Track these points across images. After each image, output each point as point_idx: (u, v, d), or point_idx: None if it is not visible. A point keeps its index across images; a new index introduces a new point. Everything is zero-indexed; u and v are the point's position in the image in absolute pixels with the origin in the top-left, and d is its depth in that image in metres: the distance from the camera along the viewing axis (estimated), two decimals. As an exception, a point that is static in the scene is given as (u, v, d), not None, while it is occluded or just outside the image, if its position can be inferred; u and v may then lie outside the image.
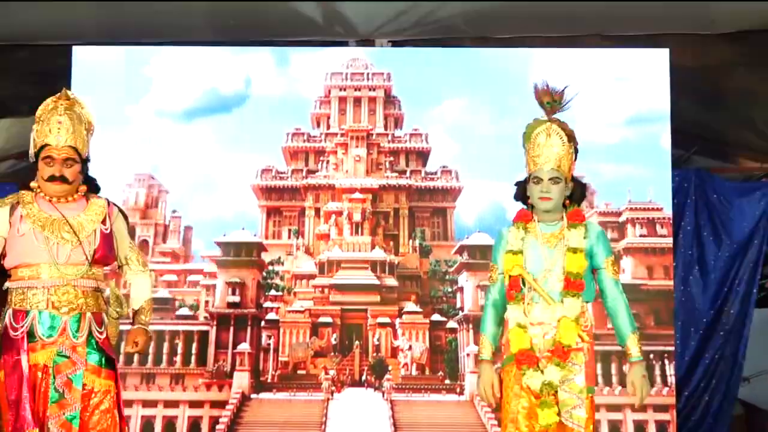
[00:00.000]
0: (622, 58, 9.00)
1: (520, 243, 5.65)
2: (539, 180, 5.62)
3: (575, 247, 5.57)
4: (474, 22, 9.00)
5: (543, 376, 5.48)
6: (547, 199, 5.59)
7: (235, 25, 8.94)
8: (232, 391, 8.68)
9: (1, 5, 8.71)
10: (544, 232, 5.68)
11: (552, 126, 5.69)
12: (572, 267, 5.53)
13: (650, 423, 8.57)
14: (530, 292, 5.58)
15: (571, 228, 5.62)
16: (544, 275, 5.60)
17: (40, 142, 5.47)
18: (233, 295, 8.94)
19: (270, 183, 9.03)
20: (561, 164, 5.65)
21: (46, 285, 5.39)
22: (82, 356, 5.34)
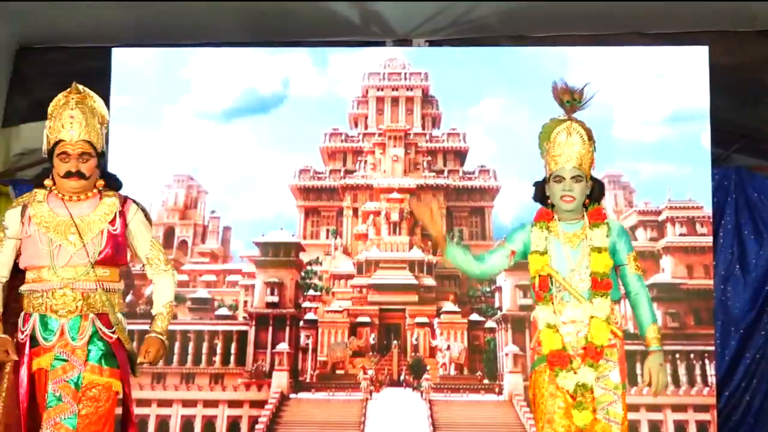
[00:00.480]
0: (661, 56, 8.94)
1: (544, 243, 5.62)
2: (561, 179, 5.56)
3: (599, 246, 5.55)
4: (510, 21, 9.00)
5: (577, 376, 5.48)
6: (570, 198, 5.55)
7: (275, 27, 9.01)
8: (271, 391, 8.70)
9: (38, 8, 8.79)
10: (566, 231, 5.65)
11: (572, 124, 5.63)
12: (598, 267, 5.52)
13: (691, 423, 8.53)
14: (560, 291, 5.55)
15: (593, 227, 5.60)
16: (570, 275, 5.57)
17: (53, 138, 5.35)
18: (272, 295, 8.96)
19: (308, 183, 9.06)
20: (582, 162, 5.59)
21: (45, 288, 5.30)
22: (81, 358, 5.23)
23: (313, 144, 9.02)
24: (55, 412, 5.11)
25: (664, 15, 8.84)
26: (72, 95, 5.49)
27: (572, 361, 5.51)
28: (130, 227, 5.38)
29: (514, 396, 8.60)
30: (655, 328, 5.52)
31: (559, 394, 5.54)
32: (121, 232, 5.37)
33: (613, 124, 8.87)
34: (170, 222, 8.97)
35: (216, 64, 9.07)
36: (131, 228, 5.38)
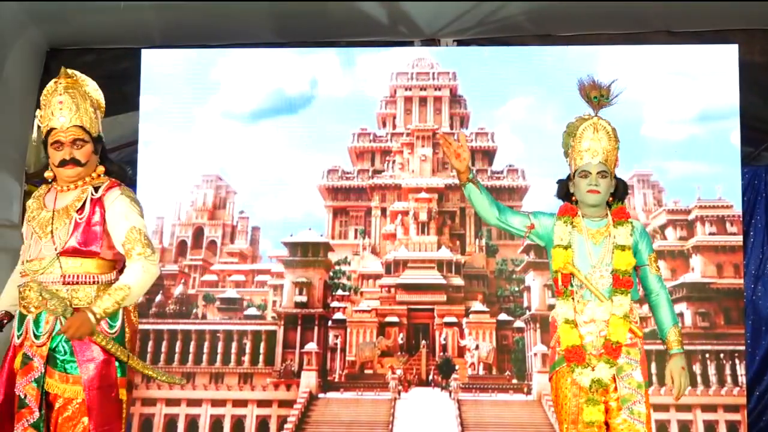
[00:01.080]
0: (690, 55, 8.90)
1: (568, 237, 5.62)
2: (587, 174, 5.58)
3: (623, 244, 5.57)
4: (538, 20, 8.99)
5: (593, 373, 5.47)
6: (596, 192, 5.55)
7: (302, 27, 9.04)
8: (299, 391, 8.73)
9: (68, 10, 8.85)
10: (590, 228, 5.66)
11: (599, 120, 5.65)
12: (621, 264, 5.53)
13: (721, 423, 8.48)
14: (581, 289, 5.57)
15: (617, 225, 5.62)
16: (590, 271, 5.57)
17: (45, 128, 5.15)
18: (300, 294, 8.98)
19: (336, 183, 9.07)
20: (608, 158, 5.61)
21: (19, 283, 5.13)
22: (43, 357, 4.97)
23: (342, 144, 9.03)
24: (24, 415, 4.94)
25: (693, 14, 8.81)
26: (60, 81, 5.25)
27: (590, 358, 5.49)
28: (107, 215, 5.04)
29: (543, 396, 8.58)
30: (677, 331, 5.56)
31: (582, 394, 5.52)
32: (99, 221, 5.04)
33: (642, 123, 8.84)
34: (199, 222, 9.00)
35: (244, 65, 9.11)
36: (108, 216, 5.03)
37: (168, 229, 9.02)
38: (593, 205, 5.63)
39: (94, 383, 4.91)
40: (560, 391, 5.62)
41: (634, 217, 8.27)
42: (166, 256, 8.97)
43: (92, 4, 8.71)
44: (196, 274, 8.99)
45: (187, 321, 8.89)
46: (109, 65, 9.39)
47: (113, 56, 9.43)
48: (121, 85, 9.25)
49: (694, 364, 8.58)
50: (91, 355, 4.93)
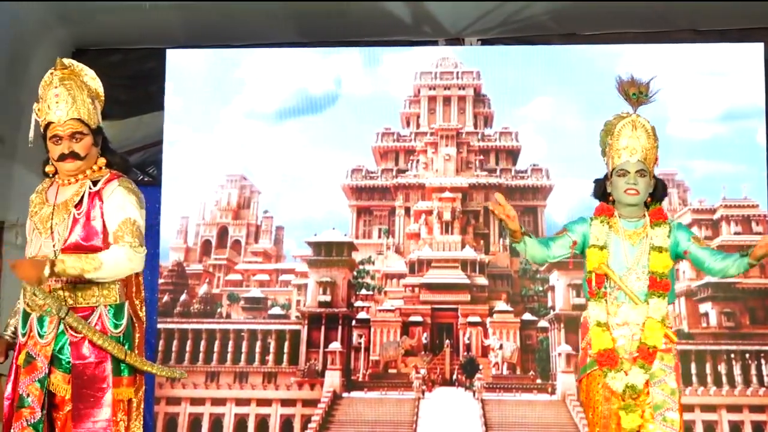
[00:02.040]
0: (715, 53, 8.87)
1: (605, 238, 5.50)
2: (625, 172, 5.45)
3: (660, 246, 5.42)
4: (562, 19, 8.98)
5: (626, 378, 5.37)
6: (635, 191, 5.42)
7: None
8: (323, 390, 8.75)
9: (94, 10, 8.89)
10: (627, 228, 5.53)
11: (638, 118, 5.53)
12: (657, 266, 5.39)
13: (746, 423, 8.44)
14: (615, 291, 5.46)
15: (654, 226, 5.47)
16: (626, 273, 5.45)
17: (42, 122, 5.00)
18: (324, 294, 9.00)
19: (360, 183, 9.08)
20: (647, 157, 5.49)
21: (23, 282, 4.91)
22: (47, 357, 4.89)
23: (365, 143, 9.04)
24: (23, 414, 4.85)
25: (718, 12, 8.80)
26: (56, 72, 5.07)
27: (623, 362, 5.37)
28: (105, 208, 4.91)
29: (567, 396, 8.58)
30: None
31: (614, 399, 5.40)
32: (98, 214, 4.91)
33: (668, 122, 8.80)
34: (223, 222, 9.04)
35: (268, 64, 9.14)
36: (105, 208, 4.90)
37: (192, 229, 9.07)
38: (631, 205, 5.51)
39: (80, 383, 4.82)
40: (591, 394, 5.51)
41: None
42: (190, 255, 9.02)
43: (118, 5, 8.75)
44: (221, 274, 9.03)
45: (211, 320, 8.91)
46: (134, 65, 9.46)
47: (139, 56, 9.49)
48: (146, 85, 9.31)
49: (719, 364, 8.56)
50: (84, 355, 4.84)
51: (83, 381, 4.83)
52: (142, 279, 5.16)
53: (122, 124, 9.61)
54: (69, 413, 4.88)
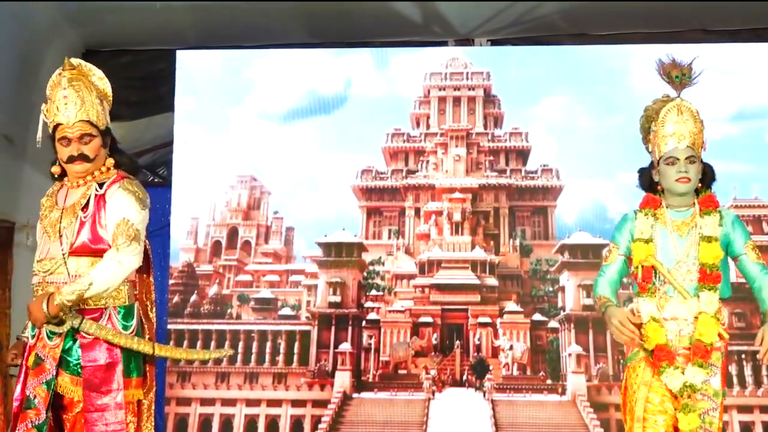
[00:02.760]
0: (726, 53, 8.85)
1: (650, 230, 5.20)
2: (675, 160, 5.15)
3: (710, 235, 5.10)
4: (572, 20, 8.98)
5: (684, 376, 5.06)
6: (686, 180, 5.11)
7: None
8: (333, 391, 8.76)
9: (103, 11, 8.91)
10: (674, 219, 5.22)
11: (683, 102, 5.29)
12: (707, 258, 5.06)
13: (757, 424, 8.43)
14: (663, 285, 5.14)
15: (704, 215, 5.16)
16: (675, 267, 5.13)
17: (51, 123, 4.98)
18: (334, 295, 9.02)
19: (370, 183, 9.09)
20: (695, 142, 5.19)
21: (33, 283, 4.98)
22: (55, 359, 4.89)
23: (375, 144, 9.06)
24: (28, 416, 4.83)
25: (728, 12, 8.79)
26: (64, 72, 5.07)
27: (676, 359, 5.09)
28: (107, 210, 4.91)
29: (578, 396, 8.58)
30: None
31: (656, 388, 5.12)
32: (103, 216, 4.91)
33: (677, 122, 8.80)
34: (234, 222, 9.06)
35: (278, 65, 9.16)
36: (107, 210, 4.91)
37: (203, 230, 9.10)
38: (683, 194, 5.20)
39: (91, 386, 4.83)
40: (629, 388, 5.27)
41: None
42: (201, 256, 9.05)
43: (128, 6, 8.77)
44: (231, 275, 9.05)
45: (221, 321, 8.95)
46: (144, 66, 9.48)
47: (149, 57, 9.51)
48: (156, 86, 9.33)
49: (730, 365, 8.54)
50: (95, 357, 4.85)
51: (94, 384, 4.83)
52: (152, 279, 5.17)
53: (132, 125, 9.63)
54: (78, 415, 4.89)
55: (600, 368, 8.65)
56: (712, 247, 5.06)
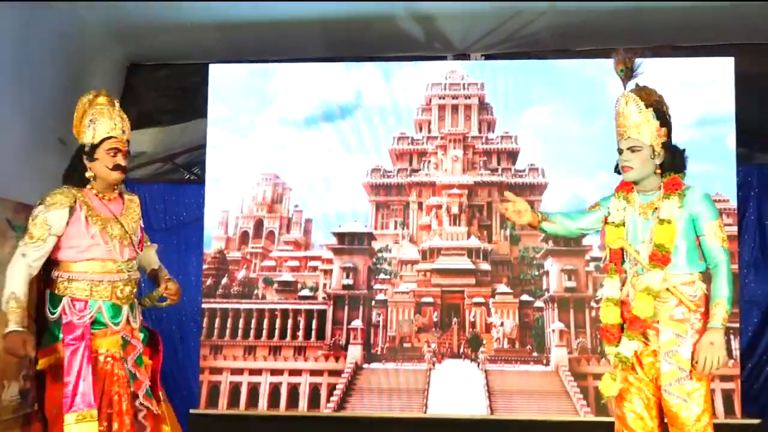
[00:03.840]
0: (692, 66, 8.92)
1: (621, 214, 5.18)
2: (621, 150, 5.12)
3: (664, 218, 4.97)
4: (557, 37, 9.07)
5: (616, 349, 5.06)
6: (628, 168, 5.08)
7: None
8: (346, 362, 8.88)
9: (146, 30, 8.97)
10: (642, 202, 5.15)
11: (629, 94, 5.16)
12: (660, 239, 4.96)
13: (717, 392, 8.50)
14: (635, 265, 5.08)
15: (665, 198, 5.03)
16: (640, 247, 5.08)
17: (103, 134, 5.35)
18: (347, 278, 9.05)
19: (378, 181, 9.14)
20: (640, 131, 5.06)
21: (113, 279, 5.36)
22: (139, 339, 5.56)
23: (383, 147, 9.10)
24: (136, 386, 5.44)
25: (694, 30, 8.85)
26: (110, 99, 5.52)
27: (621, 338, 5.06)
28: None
29: (560, 367, 8.65)
30: (722, 304, 4.83)
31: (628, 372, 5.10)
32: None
33: (649, 127, 8.85)
34: (259, 215, 9.12)
35: (298, 77, 9.26)
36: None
37: (232, 221, 9.14)
38: (632, 181, 5.13)
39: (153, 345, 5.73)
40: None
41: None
42: (230, 244, 9.12)
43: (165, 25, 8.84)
44: (257, 260, 9.08)
45: (249, 301, 9.00)
46: (181, 78, 9.58)
47: (184, 71, 9.61)
48: (191, 95, 9.42)
49: (735, 337, 8.60)
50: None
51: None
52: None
53: (170, 129, 9.76)
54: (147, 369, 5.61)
55: (579, 342, 8.69)
56: (665, 229, 4.95)
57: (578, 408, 8.52)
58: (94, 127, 5.39)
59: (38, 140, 8.42)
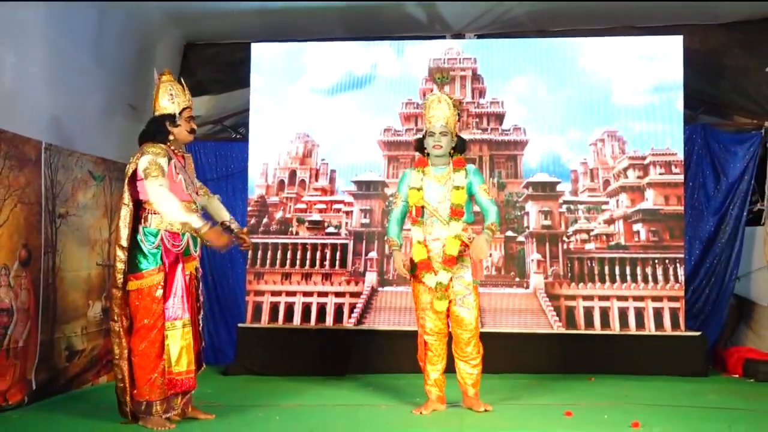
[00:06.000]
0: (648, 43, 8.91)
1: (419, 182, 5.99)
2: (433, 133, 6.00)
3: (458, 185, 5.93)
4: (536, 19, 9.11)
5: (436, 277, 5.94)
6: (439, 147, 5.96)
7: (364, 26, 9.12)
8: (364, 286, 8.92)
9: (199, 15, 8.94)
10: (436, 174, 6.01)
11: (441, 95, 6.07)
12: (456, 200, 5.91)
13: (665, 310, 8.57)
14: (431, 217, 5.97)
15: (456, 171, 5.96)
16: (437, 205, 5.95)
17: (182, 105, 5.74)
18: (365, 218, 9.08)
19: (390, 139, 9.13)
20: (448, 122, 5.97)
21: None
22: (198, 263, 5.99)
23: (394, 110, 9.08)
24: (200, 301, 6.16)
25: (650, 13, 8.89)
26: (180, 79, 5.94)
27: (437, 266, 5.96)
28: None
29: (537, 290, 8.71)
30: (494, 225, 5.93)
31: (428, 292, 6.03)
32: None
33: (613, 93, 8.87)
34: (293, 167, 9.13)
35: (324, 53, 9.22)
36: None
37: (271, 172, 9.16)
38: (438, 156, 6.00)
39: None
40: (415, 290, 6.16)
41: (604, 163, 8.49)
42: (270, 191, 9.15)
43: (215, 11, 8.84)
44: (291, 204, 9.12)
45: (285, 236, 9.05)
46: (227, 55, 9.60)
47: (231, 48, 9.61)
48: (236, 69, 9.44)
49: (647, 267, 8.66)
50: None
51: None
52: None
53: (220, 97, 9.80)
54: None
55: (553, 270, 8.75)
56: (460, 193, 5.94)
57: (552, 323, 8.60)
58: (177, 101, 5.71)
59: (112, 106, 8.48)
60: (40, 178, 6.90)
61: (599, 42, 8.96)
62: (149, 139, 5.70)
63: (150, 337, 5.60)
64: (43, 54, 7.17)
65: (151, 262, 5.57)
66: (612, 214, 8.77)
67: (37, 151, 6.86)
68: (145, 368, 5.62)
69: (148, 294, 5.56)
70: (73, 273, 7.43)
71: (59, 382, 7.23)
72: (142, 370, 5.62)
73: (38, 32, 7.08)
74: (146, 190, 5.56)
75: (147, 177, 5.51)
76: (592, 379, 8.06)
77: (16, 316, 6.55)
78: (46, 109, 7.19)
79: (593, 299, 8.62)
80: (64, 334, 7.31)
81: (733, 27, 8.98)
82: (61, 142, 7.27)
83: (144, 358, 5.61)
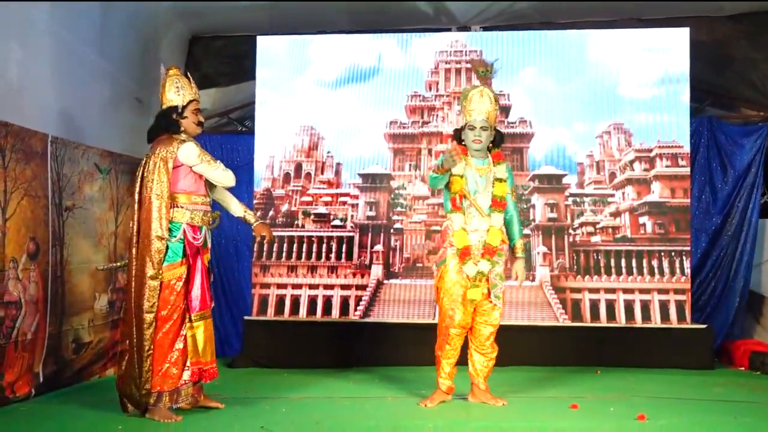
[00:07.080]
0: (654, 35, 8.89)
1: (462, 170, 5.94)
2: (474, 127, 5.95)
3: (500, 177, 5.98)
4: (542, 11, 9.09)
5: (477, 267, 5.92)
6: (479, 141, 5.94)
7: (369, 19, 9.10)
8: (370, 278, 8.94)
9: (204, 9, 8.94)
10: (477, 165, 5.99)
11: (484, 89, 6.01)
12: (498, 191, 5.95)
13: (671, 302, 8.57)
14: (469, 207, 5.94)
15: (497, 164, 6.00)
16: (476, 196, 5.93)
17: (189, 98, 5.79)
18: (371, 211, 9.08)
19: (396, 131, 9.14)
20: (489, 117, 5.94)
21: (206, 209, 5.84)
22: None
23: (400, 103, 9.08)
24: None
25: (656, 6, 8.86)
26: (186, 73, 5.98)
27: (475, 256, 5.95)
28: None
29: (543, 282, 8.71)
30: (521, 243, 6.12)
31: (464, 281, 5.95)
32: None
33: (619, 86, 8.85)
34: (299, 159, 9.13)
35: (330, 46, 9.22)
36: None
37: (277, 164, 9.17)
38: (477, 150, 5.98)
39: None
40: (444, 278, 6.04)
41: (610, 155, 8.50)
42: (276, 183, 9.16)
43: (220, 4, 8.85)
44: (297, 196, 9.13)
45: (291, 229, 9.06)
46: (234, 48, 9.61)
47: (236, 41, 9.62)
48: (242, 62, 9.44)
49: (653, 260, 8.66)
50: None
51: None
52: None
53: (226, 90, 9.80)
54: None
55: (559, 262, 8.75)
56: (502, 185, 6.00)
57: (558, 315, 8.61)
58: (183, 93, 5.76)
59: (118, 98, 8.48)
60: (47, 171, 6.92)
61: (605, 34, 8.94)
62: (163, 132, 5.77)
63: (165, 329, 5.66)
64: (49, 47, 7.18)
65: (175, 255, 5.62)
66: (618, 206, 8.76)
67: (43, 144, 6.88)
68: (158, 359, 5.66)
69: (168, 286, 5.63)
70: (81, 266, 7.45)
71: (66, 375, 7.26)
72: (155, 361, 5.65)
73: (44, 26, 7.09)
74: (212, 175, 5.83)
75: (206, 162, 5.77)
76: (599, 371, 8.06)
77: (25, 308, 6.58)
78: (52, 102, 7.21)
79: (599, 292, 8.62)
80: (71, 327, 7.34)
81: (740, 19, 8.97)
82: (67, 135, 7.28)
83: (159, 348, 5.66)
